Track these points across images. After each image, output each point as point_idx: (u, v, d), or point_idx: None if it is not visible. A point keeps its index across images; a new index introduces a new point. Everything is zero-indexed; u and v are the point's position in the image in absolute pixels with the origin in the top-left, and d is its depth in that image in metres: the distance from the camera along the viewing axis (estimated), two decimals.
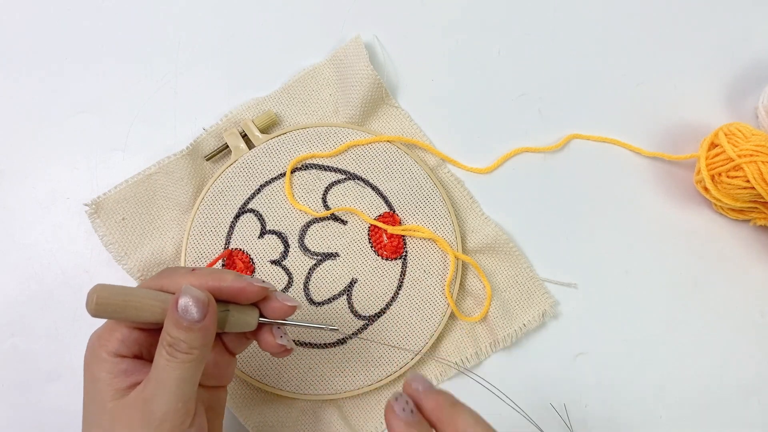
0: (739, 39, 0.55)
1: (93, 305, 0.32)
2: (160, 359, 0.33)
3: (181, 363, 0.33)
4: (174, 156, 0.51)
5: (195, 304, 0.33)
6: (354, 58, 0.52)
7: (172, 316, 0.33)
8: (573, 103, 0.54)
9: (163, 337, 0.33)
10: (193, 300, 0.33)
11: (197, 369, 0.34)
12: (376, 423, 0.48)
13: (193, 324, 0.33)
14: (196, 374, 0.34)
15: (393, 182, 0.50)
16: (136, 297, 0.34)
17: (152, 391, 0.33)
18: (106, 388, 0.34)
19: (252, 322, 0.37)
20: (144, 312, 0.34)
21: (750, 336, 0.50)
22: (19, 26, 0.55)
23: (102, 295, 0.32)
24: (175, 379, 0.33)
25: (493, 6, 0.56)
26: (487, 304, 0.48)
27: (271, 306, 0.37)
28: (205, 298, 0.34)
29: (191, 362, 0.33)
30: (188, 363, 0.33)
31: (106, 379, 0.34)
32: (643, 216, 0.52)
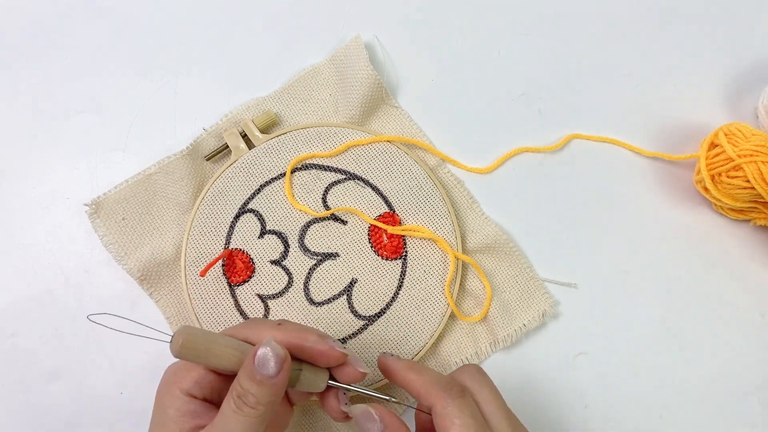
0: (739, 39, 0.55)
1: (177, 347, 0.33)
2: (227, 408, 0.33)
3: (246, 417, 0.33)
4: (174, 156, 0.51)
5: (273, 359, 0.33)
6: (354, 58, 0.52)
7: (247, 368, 0.33)
8: (573, 103, 0.54)
9: (234, 387, 0.34)
10: (272, 354, 0.33)
11: (261, 424, 0.34)
12: None
13: (266, 379, 0.33)
14: (259, 429, 0.34)
15: (393, 182, 0.50)
16: (219, 345, 0.34)
17: None
18: (172, 425, 0.34)
19: (321, 384, 0.37)
20: (223, 360, 0.34)
21: (750, 336, 0.50)
22: (19, 26, 0.55)
23: (188, 339, 0.33)
24: (238, 431, 0.33)
25: (493, 6, 0.56)
26: (487, 304, 0.48)
27: (344, 371, 0.37)
28: (283, 355, 0.34)
29: (256, 417, 0.33)
30: (253, 418, 0.33)
31: (174, 416, 0.34)
32: (643, 216, 0.52)
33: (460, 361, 0.49)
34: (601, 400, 0.49)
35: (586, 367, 0.49)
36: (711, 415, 0.48)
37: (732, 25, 0.56)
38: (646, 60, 0.55)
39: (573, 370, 0.49)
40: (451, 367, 0.49)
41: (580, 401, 0.49)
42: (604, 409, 0.48)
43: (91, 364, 0.49)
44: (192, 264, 0.48)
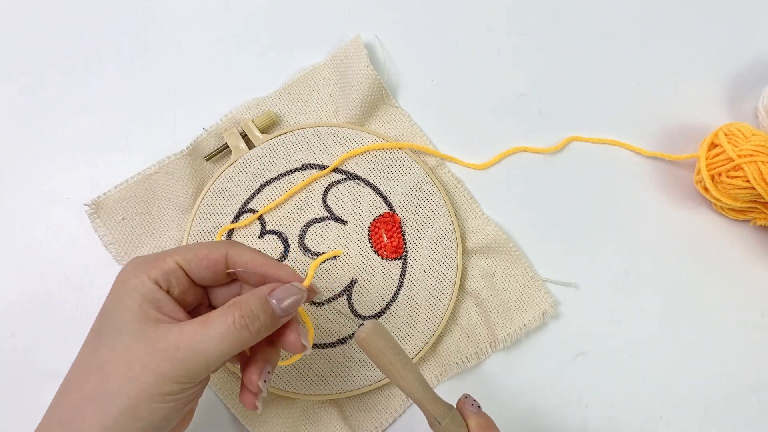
0: (739, 39, 0.55)
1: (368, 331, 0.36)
2: (221, 324, 0.33)
3: (239, 337, 0.33)
4: (174, 156, 0.51)
5: (295, 303, 0.35)
6: (354, 58, 0.52)
7: (263, 296, 0.35)
8: (573, 103, 0.54)
9: (239, 306, 0.34)
10: (297, 298, 0.35)
11: (241, 349, 0.34)
12: (376, 423, 0.48)
13: (279, 316, 0.35)
14: (236, 352, 0.34)
15: (393, 182, 0.50)
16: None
17: (193, 345, 0.32)
18: (135, 309, 0.34)
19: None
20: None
21: (750, 336, 0.50)
22: (19, 26, 0.55)
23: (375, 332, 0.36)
24: (222, 349, 0.33)
25: (492, 6, 0.56)
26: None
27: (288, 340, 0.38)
28: (304, 297, 0.36)
29: (246, 341, 0.34)
30: (246, 341, 0.34)
31: (138, 299, 0.34)
32: (643, 216, 0.52)
33: (460, 361, 0.49)
34: (601, 400, 0.49)
35: (586, 367, 0.49)
36: (711, 415, 0.48)
37: (732, 25, 0.56)
38: (646, 60, 0.55)
39: (573, 370, 0.49)
40: (450, 367, 0.49)
41: (580, 401, 0.49)
42: (604, 409, 0.48)
43: None
44: None
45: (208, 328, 0.33)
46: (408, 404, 0.48)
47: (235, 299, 0.34)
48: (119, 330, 0.33)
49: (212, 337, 0.33)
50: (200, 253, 0.36)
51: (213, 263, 0.36)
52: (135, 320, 0.33)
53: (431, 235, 0.49)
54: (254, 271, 0.37)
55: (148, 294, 0.34)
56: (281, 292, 0.35)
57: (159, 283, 0.35)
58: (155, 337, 0.33)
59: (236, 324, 0.33)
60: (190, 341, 0.33)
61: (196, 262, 0.36)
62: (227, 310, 0.34)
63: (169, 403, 0.33)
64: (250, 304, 0.34)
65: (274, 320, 0.35)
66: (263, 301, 0.34)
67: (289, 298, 0.35)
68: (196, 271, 0.36)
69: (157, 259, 0.35)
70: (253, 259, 0.37)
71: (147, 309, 0.34)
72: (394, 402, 0.48)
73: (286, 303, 0.35)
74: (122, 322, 0.33)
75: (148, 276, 0.34)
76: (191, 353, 0.32)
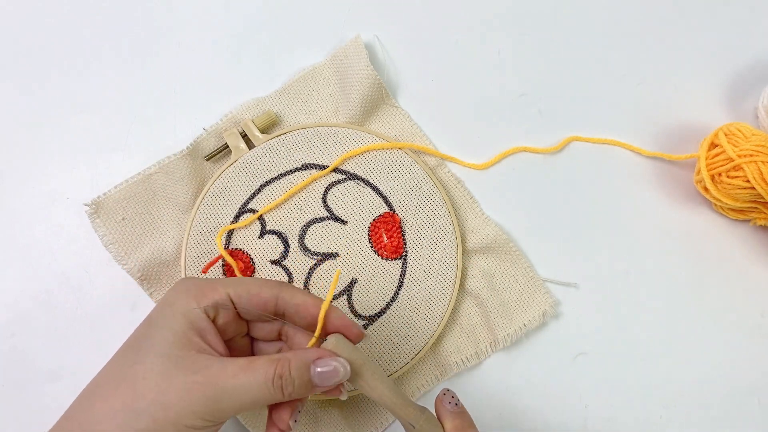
0: (739, 39, 0.55)
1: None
2: (261, 375, 0.33)
3: (273, 394, 0.33)
4: (174, 156, 0.51)
5: (336, 378, 0.35)
6: (354, 58, 0.52)
7: (306, 363, 0.34)
8: (573, 103, 0.54)
9: (281, 363, 0.34)
10: (341, 374, 0.35)
11: (274, 402, 0.34)
12: (376, 423, 0.48)
13: (317, 387, 0.35)
14: (267, 404, 0.34)
15: (393, 182, 0.50)
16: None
17: (229, 387, 0.32)
18: (179, 332, 0.33)
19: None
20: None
21: (750, 336, 0.50)
22: (18, 26, 0.55)
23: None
24: (254, 399, 0.33)
25: (493, 6, 0.56)
26: None
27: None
28: (346, 378, 0.35)
29: (280, 399, 0.34)
30: (276, 398, 0.34)
31: (183, 324, 0.34)
32: (643, 216, 0.52)
33: (460, 361, 0.49)
34: (601, 400, 0.49)
35: (586, 367, 0.49)
36: (711, 415, 0.48)
37: (732, 25, 0.56)
38: (646, 60, 0.55)
39: (573, 370, 0.49)
40: (451, 367, 0.49)
41: (580, 401, 0.49)
42: (604, 409, 0.48)
43: (91, 364, 0.49)
44: (192, 264, 0.48)
45: (249, 374, 0.33)
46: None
47: (282, 355, 0.34)
48: (160, 351, 0.33)
49: (250, 385, 0.33)
50: (252, 290, 0.36)
51: (263, 302, 0.36)
52: (178, 345, 0.33)
53: (431, 235, 0.49)
54: (305, 315, 0.37)
55: (196, 321, 0.34)
56: (325, 366, 0.34)
57: (207, 311, 0.35)
58: (195, 368, 0.33)
59: (274, 382, 0.33)
60: (228, 382, 0.33)
61: (247, 298, 0.36)
62: (270, 364, 0.33)
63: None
64: (292, 366, 0.34)
65: (308, 388, 0.35)
66: (305, 368, 0.34)
67: (331, 375, 0.35)
68: (244, 306, 0.36)
69: (208, 287, 0.35)
70: (305, 302, 0.36)
71: (191, 336, 0.34)
72: None
73: (327, 379, 0.34)
74: (164, 344, 0.33)
75: (198, 303, 0.35)
76: (226, 394, 0.32)
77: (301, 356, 0.34)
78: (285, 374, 0.33)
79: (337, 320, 0.37)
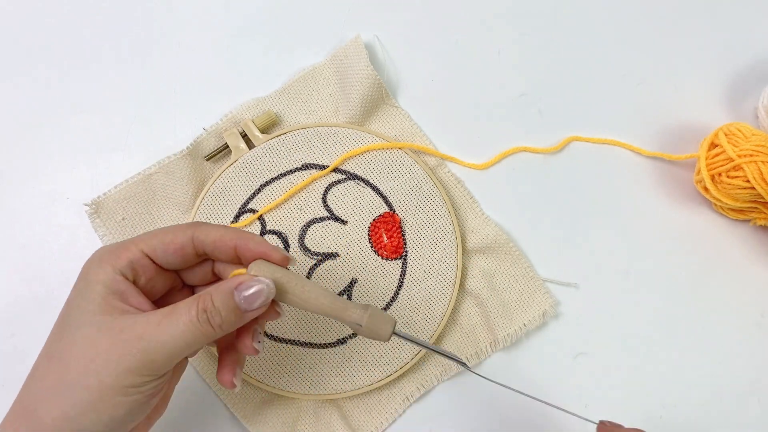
0: (739, 39, 0.55)
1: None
2: (185, 315, 0.33)
3: (203, 331, 0.33)
4: (174, 156, 0.51)
5: (261, 299, 0.34)
6: (354, 58, 0.52)
7: (227, 291, 0.34)
8: (573, 103, 0.54)
9: (203, 300, 0.33)
10: (264, 294, 0.34)
11: (206, 342, 0.34)
12: (376, 423, 0.48)
13: (242, 311, 0.34)
14: (201, 345, 0.34)
15: (393, 182, 0.50)
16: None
17: (155, 337, 0.32)
18: (99, 300, 0.33)
19: (385, 334, 0.37)
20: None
21: (750, 336, 0.50)
22: (18, 26, 0.55)
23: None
24: (184, 341, 0.33)
25: (493, 6, 0.56)
26: None
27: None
28: (272, 296, 0.34)
29: (211, 336, 0.33)
30: (208, 335, 0.33)
31: (101, 292, 0.33)
32: (643, 216, 0.52)
33: None
34: (601, 400, 0.49)
35: (586, 367, 0.49)
36: (711, 415, 0.48)
37: (732, 25, 0.56)
38: (646, 60, 0.55)
39: (573, 370, 0.49)
40: (450, 367, 0.49)
41: (580, 401, 0.49)
42: (604, 409, 0.48)
43: None
44: None
45: (172, 319, 0.33)
46: (408, 404, 0.48)
47: (201, 293, 0.34)
48: (82, 322, 0.33)
49: (175, 329, 0.32)
50: (165, 239, 0.35)
51: (180, 247, 0.35)
52: (99, 312, 0.33)
53: (431, 235, 0.49)
54: (224, 248, 0.36)
55: (113, 285, 0.34)
56: (247, 289, 0.34)
57: (124, 273, 0.34)
58: (119, 328, 0.32)
59: (198, 318, 0.33)
60: (154, 332, 0.32)
61: (162, 248, 0.35)
62: (192, 302, 0.33)
63: (131, 396, 0.32)
64: (213, 298, 0.33)
65: (238, 315, 0.34)
66: (227, 297, 0.34)
67: (255, 295, 0.34)
68: (162, 257, 0.35)
69: (121, 248, 0.35)
70: (222, 236, 0.36)
71: (111, 300, 0.33)
72: (394, 402, 0.48)
73: (252, 300, 0.34)
74: (86, 314, 0.33)
75: (113, 267, 0.34)
76: (153, 344, 0.32)
77: (222, 286, 0.34)
78: (209, 307, 0.33)
79: (258, 246, 0.36)
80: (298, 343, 0.48)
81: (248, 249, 0.36)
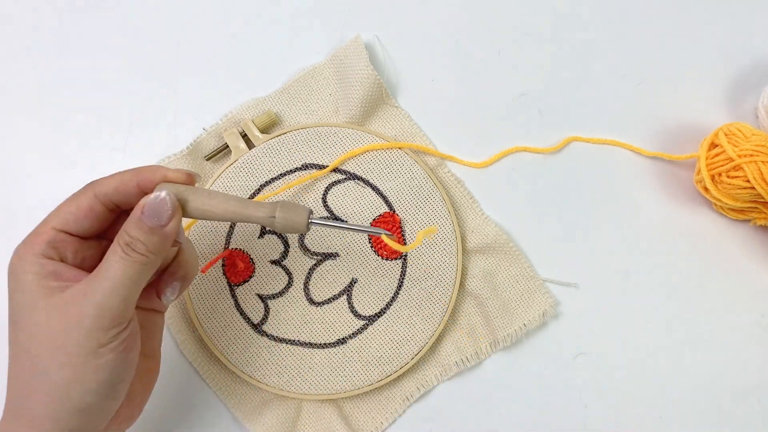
0: (739, 39, 0.55)
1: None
2: (113, 257, 0.33)
3: (134, 263, 0.33)
4: (174, 156, 0.51)
5: (167, 210, 0.34)
6: (354, 58, 0.52)
7: (134, 216, 0.34)
8: (573, 103, 0.54)
9: (121, 236, 0.33)
10: (168, 205, 0.34)
11: (148, 272, 0.34)
12: (376, 423, 0.48)
13: (157, 228, 0.34)
14: (145, 278, 0.34)
15: (393, 182, 0.50)
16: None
17: (97, 288, 0.32)
18: (36, 288, 0.33)
19: (301, 222, 0.36)
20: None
21: (750, 336, 0.50)
22: (18, 26, 0.55)
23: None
24: (124, 278, 0.33)
25: (493, 6, 0.56)
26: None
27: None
28: (175, 204, 0.34)
29: (144, 264, 0.33)
30: (141, 264, 0.33)
31: (35, 280, 0.33)
32: (644, 216, 0.52)
33: (460, 361, 0.49)
34: (601, 400, 0.49)
35: (586, 367, 0.49)
36: (711, 415, 0.48)
37: (732, 25, 0.56)
38: (646, 60, 0.55)
39: (573, 370, 0.49)
40: (450, 367, 0.49)
41: (580, 401, 0.49)
42: (604, 409, 0.48)
43: None
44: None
45: (105, 267, 0.33)
46: (408, 404, 0.48)
47: (119, 232, 0.34)
48: (30, 312, 0.33)
49: (113, 273, 0.33)
50: (71, 208, 0.35)
51: (89, 210, 0.35)
52: (41, 297, 0.33)
53: (431, 235, 0.49)
54: (129, 192, 0.36)
55: (42, 270, 0.34)
56: (149, 208, 0.34)
57: (48, 255, 0.34)
58: (64, 301, 0.33)
59: (126, 253, 0.33)
60: (94, 284, 0.32)
61: (73, 218, 0.35)
62: (115, 245, 0.33)
63: (107, 356, 0.32)
64: (127, 229, 0.33)
65: (158, 234, 0.34)
66: (139, 222, 0.33)
67: (159, 207, 0.34)
68: (77, 226, 0.35)
69: (33, 235, 0.35)
70: (121, 181, 0.36)
71: (48, 282, 0.33)
72: (394, 402, 0.48)
73: (158, 213, 0.34)
74: (29, 305, 0.33)
75: (33, 254, 0.34)
76: (99, 296, 0.32)
77: (132, 215, 0.34)
78: (127, 239, 0.33)
79: (157, 173, 0.36)
80: (298, 343, 0.48)
81: (150, 180, 0.36)
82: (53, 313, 0.32)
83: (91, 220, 0.35)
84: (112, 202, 0.36)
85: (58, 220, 0.35)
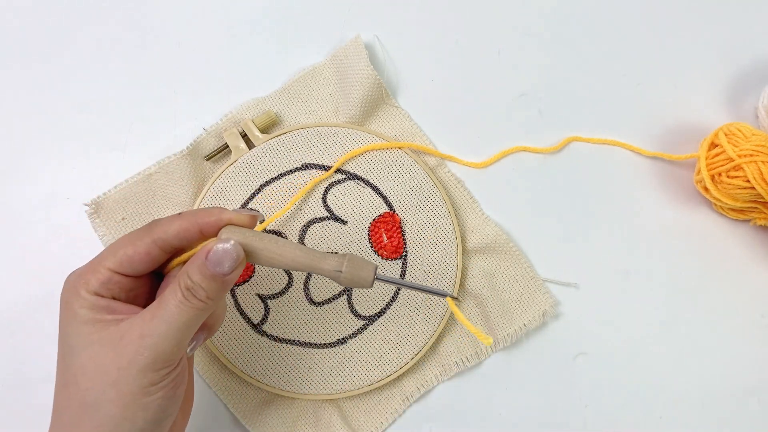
0: (739, 39, 0.55)
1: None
2: (172, 300, 0.33)
3: (192, 308, 0.33)
4: (174, 156, 0.51)
5: (229, 259, 0.34)
6: (354, 58, 0.52)
7: (198, 262, 0.34)
8: (573, 103, 0.54)
9: (182, 279, 0.34)
10: (232, 254, 0.34)
11: (203, 318, 0.34)
12: (376, 423, 0.48)
13: (219, 276, 0.34)
14: (199, 322, 0.34)
15: (393, 182, 0.50)
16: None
17: (153, 330, 0.33)
18: (90, 322, 0.33)
19: (368, 278, 0.36)
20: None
21: (750, 336, 0.50)
22: (18, 26, 0.55)
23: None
24: (182, 323, 0.33)
25: (493, 6, 0.56)
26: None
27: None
28: (240, 255, 0.34)
29: (202, 310, 0.34)
30: (199, 310, 0.34)
31: (87, 314, 0.34)
32: (643, 216, 0.52)
33: (460, 361, 0.49)
34: (601, 400, 0.49)
35: (586, 367, 0.49)
36: (711, 415, 0.48)
37: (732, 25, 0.56)
38: (646, 60, 0.55)
39: (573, 370, 0.49)
40: (450, 367, 0.49)
41: (580, 401, 0.49)
42: (604, 409, 0.48)
43: None
44: None
45: (162, 308, 0.33)
46: (408, 404, 0.48)
47: (179, 272, 0.34)
48: (83, 343, 0.33)
49: (170, 316, 0.33)
50: (128, 252, 0.35)
51: (145, 254, 0.35)
52: (95, 330, 0.33)
53: (431, 235, 0.49)
54: (191, 236, 0.36)
55: (95, 305, 0.34)
56: (214, 255, 0.34)
57: (100, 293, 0.34)
58: (118, 336, 0.33)
59: (185, 297, 0.33)
60: (151, 326, 0.33)
61: (128, 261, 0.35)
62: (175, 286, 0.34)
63: (156, 394, 0.33)
64: (189, 274, 0.34)
65: (218, 281, 0.34)
66: (202, 268, 0.34)
67: (224, 256, 0.34)
68: (132, 269, 0.35)
69: (88, 272, 0.35)
70: (181, 227, 0.36)
71: (102, 316, 0.34)
72: (394, 402, 0.48)
73: (222, 262, 0.34)
74: (82, 336, 0.33)
75: (87, 290, 0.34)
76: (155, 337, 0.32)
77: (194, 260, 0.34)
78: (189, 284, 0.33)
79: (221, 216, 0.36)
80: (298, 343, 0.48)
81: (212, 225, 0.36)
82: (107, 349, 0.33)
83: (148, 263, 0.36)
84: (171, 247, 0.36)
85: (113, 261, 0.35)
